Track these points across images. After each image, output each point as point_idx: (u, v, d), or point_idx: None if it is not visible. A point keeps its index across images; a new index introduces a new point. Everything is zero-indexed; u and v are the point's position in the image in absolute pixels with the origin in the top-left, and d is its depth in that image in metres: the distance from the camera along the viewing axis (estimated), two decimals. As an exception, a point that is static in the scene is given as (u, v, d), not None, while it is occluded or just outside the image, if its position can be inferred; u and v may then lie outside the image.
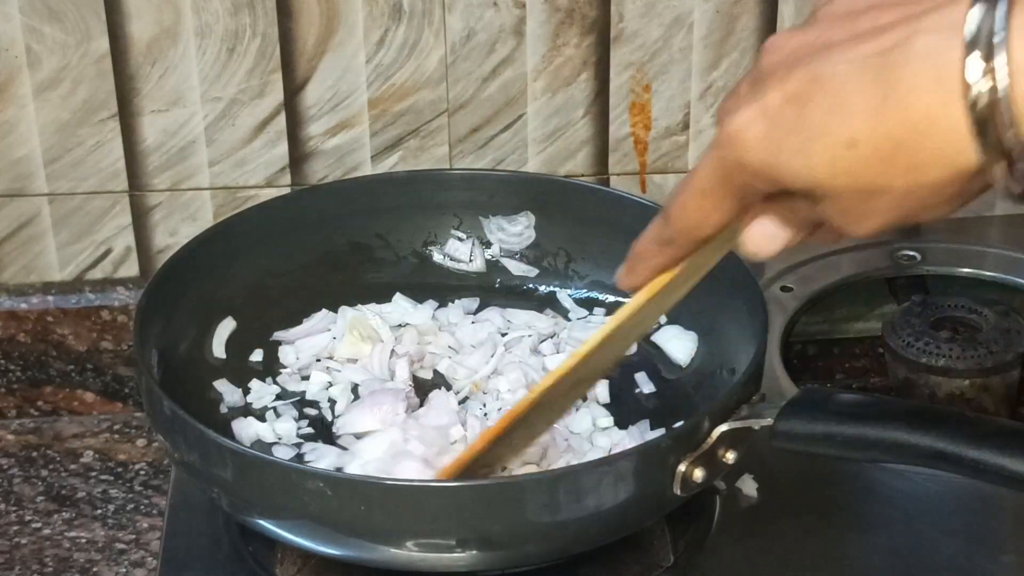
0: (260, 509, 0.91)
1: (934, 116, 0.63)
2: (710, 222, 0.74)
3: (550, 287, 1.16)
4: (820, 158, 0.66)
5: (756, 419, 0.91)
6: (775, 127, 0.67)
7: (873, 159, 0.65)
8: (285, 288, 1.12)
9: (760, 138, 0.68)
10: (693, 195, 0.73)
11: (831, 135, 0.66)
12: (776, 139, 0.67)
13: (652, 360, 1.10)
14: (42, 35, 1.17)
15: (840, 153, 0.66)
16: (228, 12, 1.18)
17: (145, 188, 1.23)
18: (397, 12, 1.19)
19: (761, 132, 0.68)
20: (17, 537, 1.09)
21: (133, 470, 1.16)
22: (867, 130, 0.65)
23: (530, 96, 1.23)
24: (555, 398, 0.90)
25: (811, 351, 1.23)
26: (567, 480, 0.87)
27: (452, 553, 0.88)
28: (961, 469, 0.85)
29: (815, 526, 1.00)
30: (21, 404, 1.23)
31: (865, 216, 0.68)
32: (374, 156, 1.24)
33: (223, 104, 1.21)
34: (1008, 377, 1.13)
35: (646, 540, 0.98)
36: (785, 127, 0.67)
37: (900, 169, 0.65)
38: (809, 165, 0.67)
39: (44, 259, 1.24)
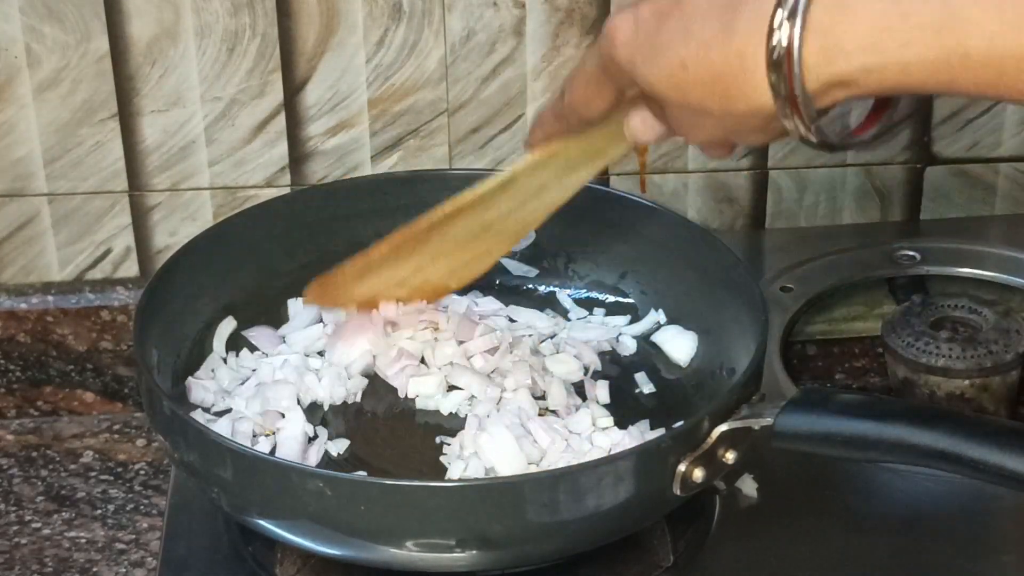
0: (260, 509, 0.91)
1: (745, 57, 0.72)
2: (594, 105, 0.84)
3: (550, 287, 1.16)
4: (661, 72, 0.76)
5: (756, 419, 0.91)
6: (638, 34, 0.77)
7: (696, 83, 0.74)
8: (285, 288, 1.12)
9: (625, 40, 0.77)
10: (580, 77, 0.84)
11: (672, 53, 0.75)
12: (636, 44, 0.77)
13: (652, 360, 1.10)
14: (42, 35, 1.17)
15: (675, 71, 0.75)
16: (228, 12, 1.18)
17: (145, 188, 1.23)
18: (397, 12, 1.19)
19: (628, 35, 0.77)
20: (17, 537, 1.09)
21: (133, 470, 1.16)
22: (696, 57, 0.74)
23: (530, 96, 1.23)
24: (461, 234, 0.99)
25: (811, 351, 1.23)
26: (567, 480, 0.87)
27: (452, 553, 0.88)
28: (961, 469, 0.85)
29: (815, 526, 1.00)
30: (21, 404, 1.23)
31: (692, 128, 0.79)
32: (374, 156, 1.24)
33: (223, 104, 1.21)
34: (1008, 377, 1.13)
35: (646, 540, 0.98)
36: (644, 36, 0.77)
37: (716, 96, 0.74)
38: (654, 75, 0.77)
39: (44, 259, 1.24)
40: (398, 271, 1.03)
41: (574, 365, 1.07)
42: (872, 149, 0.78)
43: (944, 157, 1.30)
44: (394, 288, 1.05)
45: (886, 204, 1.31)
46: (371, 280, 1.03)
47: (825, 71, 0.71)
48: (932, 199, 1.31)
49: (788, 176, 1.29)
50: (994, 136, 1.30)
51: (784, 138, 0.76)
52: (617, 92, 0.82)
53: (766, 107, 0.73)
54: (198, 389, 1.04)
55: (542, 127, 0.91)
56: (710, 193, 1.29)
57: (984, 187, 1.31)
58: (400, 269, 1.03)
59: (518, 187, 0.95)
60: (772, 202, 1.30)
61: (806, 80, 0.71)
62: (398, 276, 1.03)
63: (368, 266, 1.02)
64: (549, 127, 0.90)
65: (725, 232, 1.28)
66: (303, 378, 1.04)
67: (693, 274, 1.09)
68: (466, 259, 1.03)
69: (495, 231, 1.00)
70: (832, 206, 1.31)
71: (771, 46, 0.71)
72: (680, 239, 1.11)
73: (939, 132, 1.29)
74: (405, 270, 1.03)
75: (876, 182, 1.30)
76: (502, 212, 0.97)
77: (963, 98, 1.23)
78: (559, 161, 0.92)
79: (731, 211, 1.30)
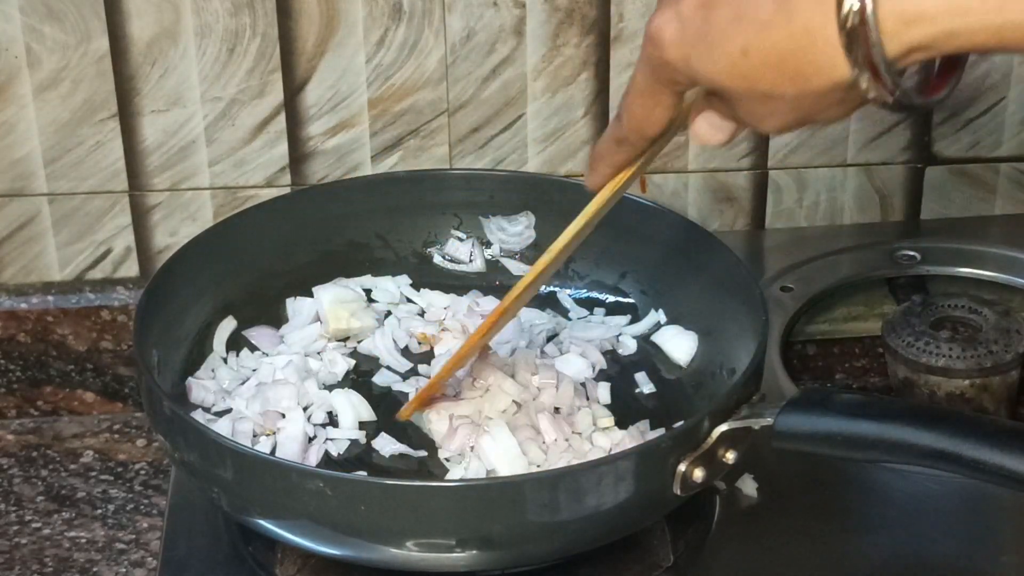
0: (260, 509, 0.91)
1: (813, 31, 0.69)
2: (655, 118, 0.80)
3: (550, 287, 1.16)
4: (721, 63, 0.73)
5: (756, 419, 0.91)
6: (686, 29, 0.73)
7: (763, 67, 0.71)
8: (285, 288, 1.12)
9: (674, 39, 0.74)
10: (635, 95, 0.80)
11: (729, 42, 0.72)
12: (687, 40, 0.74)
13: (652, 360, 1.10)
14: (42, 35, 1.17)
15: (736, 60, 0.72)
16: (228, 12, 1.18)
17: (145, 188, 1.23)
18: (397, 12, 1.19)
19: (675, 33, 0.74)
20: (17, 537, 1.09)
21: (133, 470, 1.16)
22: (757, 41, 0.71)
23: (530, 96, 1.23)
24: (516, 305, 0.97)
25: (811, 351, 1.23)
26: (567, 480, 0.87)
27: (452, 553, 0.88)
28: (961, 469, 0.85)
29: (815, 526, 1.00)
30: (21, 404, 1.23)
31: (767, 116, 0.75)
32: (374, 156, 1.24)
33: (223, 104, 1.21)
34: (1008, 377, 1.13)
35: (646, 540, 0.98)
36: (694, 30, 0.73)
37: (787, 77, 0.71)
38: (713, 68, 0.73)
39: (44, 259, 1.24)
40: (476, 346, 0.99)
41: (582, 364, 1.07)
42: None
43: (944, 157, 1.30)
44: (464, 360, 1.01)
45: (886, 204, 1.31)
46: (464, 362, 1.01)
47: (906, 36, 0.68)
48: (932, 199, 1.31)
49: (788, 176, 1.29)
50: (994, 136, 1.30)
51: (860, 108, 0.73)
52: (676, 98, 0.79)
53: (845, 79, 0.70)
54: (198, 389, 1.04)
55: (604, 161, 0.86)
56: (710, 193, 1.29)
57: (984, 187, 1.31)
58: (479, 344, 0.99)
59: (587, 227, 0.92)
60: (772, 202, 1.30)
61: (886, 46, 0.68)
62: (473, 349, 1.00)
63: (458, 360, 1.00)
64: (612, 158, 0.86)
65: (725, 232, 1.28)
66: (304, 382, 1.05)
67: (693, 274, 1.09)
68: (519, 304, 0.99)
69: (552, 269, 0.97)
70: (832, 206, 1.31)
71: (842, 16, 0.68)
72: (680, 239, 1.11)
73: (939, 132, 1.29)
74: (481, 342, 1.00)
75: (876, 182, 1.30)
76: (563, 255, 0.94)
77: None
78: (623, 188, 0.88)
79: (731, 211, 1.30)
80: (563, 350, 1.09)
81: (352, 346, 1.11)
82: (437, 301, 1.14)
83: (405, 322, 1.12)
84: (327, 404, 1.04)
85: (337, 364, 1.08)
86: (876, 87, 0.70)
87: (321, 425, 1.03)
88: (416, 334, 1.10)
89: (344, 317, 1.10)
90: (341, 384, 1.07)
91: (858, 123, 1.27)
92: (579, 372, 1.07)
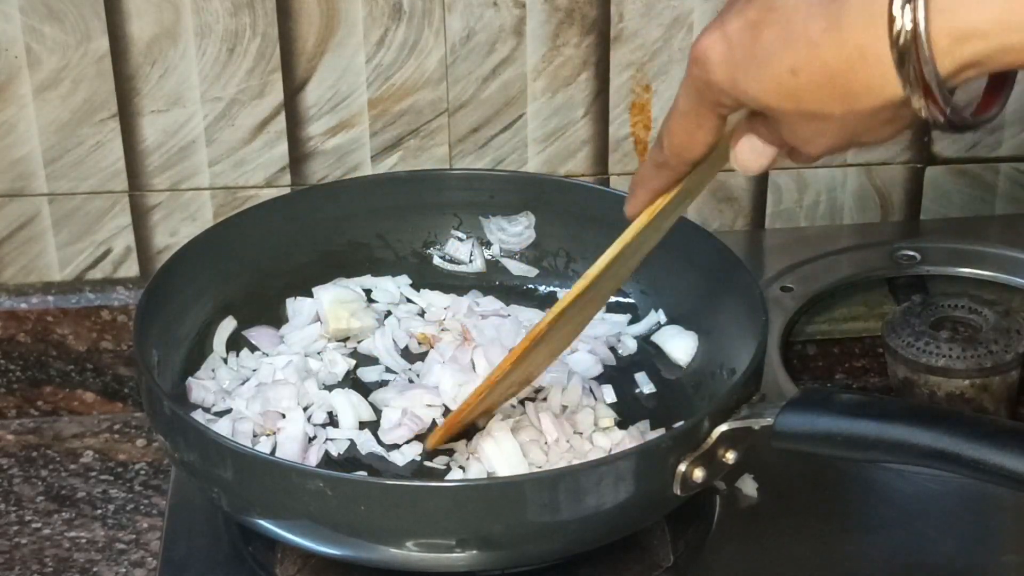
0: (260, 509, 0.91)
1: (864, 49, 0.68)
2: (697, 141, 0.79)
3: (550, 287, 1.16)
4: (769, 83, 0.72)
5: (756, 419, 0.91)
6: (733, 50, 0.73)
7: (812, 86, 0.71)
8: (285, 288, 1.12)
9: (721, 59, 0.74)
10: (677, 118, 0.79)
11: (777, 62, 0.71)
12: (734, 62, 0.73)
13: (652, 360, 1.10)
14: (42, 35, 1.17)
15: (785, 79, 0.71)
16: (228, 12, 1.18)
17: (145, 188, 1.23)
18: (397, 12, 1.19)
19: (722, 54, 0.73)
20: (17, 537, 1.09)
21: (133, 470, 1.16)
22: (807, 60, 0.70)
23: (530, 96, 1.23)
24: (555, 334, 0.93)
25: (811, 351, 1.23)
26: (567, 480, 0.87)
27: (452, 553, 0.88)
28: (961, 469, 0.85)
29: (815, 526, 1.00)
30: (21, 404, 1.23)
31: (814, 138, 0.74)
32: (374, 156, 1.24)
33: (223, 104, 1.21)
34: (1008, 377, 1.13)
35: (646, 540, 0.98)
36: (742, 51, 0.73)
37: (836, 97, 0.70)
38: (761, 88, 0.73)
39: (44, 259, 1.24)
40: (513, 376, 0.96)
41: (591, 361, 1.07)
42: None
43: (944, 157, 1.30)
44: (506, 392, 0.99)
45: (886, 204, 1.31)
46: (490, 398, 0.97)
47: (959, 53, 0.67)
48: (932, 199, 1.31)
49: (788, 176, 1.29)
50: (994, 136, 1.30)
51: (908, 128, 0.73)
52: (720, 121, 0.78)
53: (896, 97, 0.69)
54: (198, 389, 1.04)
55: (643, 186, 0.85)
56: (710, 193, 1.29)
57: (984, 187, 1.31)
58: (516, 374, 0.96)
59: (625, 254, 0.89)
60: (772, 202, 1.30)
61: (938, 64, 0.67)
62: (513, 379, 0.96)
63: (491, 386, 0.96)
64: (652, 183, 0.84)
65: (725, 232, 1.28)
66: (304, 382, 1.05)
67: (693, 274, 1.09)
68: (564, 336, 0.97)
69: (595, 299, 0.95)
70: (832, 206, 1.31)
71: (894, 34, 0.67)
72: (680, 239, 1.10)
73: (939, 132, 1.29)
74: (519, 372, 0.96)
75: (876, 182, 1.30)
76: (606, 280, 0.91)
77: None
78: (662, 214, 0.86)
79: (731, 211, 1.30)
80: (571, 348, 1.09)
81: (352, 346, 1.11)
82: (437, 301, 1.14)
83: (405, 322, 1.12)
84: (327, 404, 1.04)
85: (337, 364, 1.08)
86: (928, 106, 0.69)
87: (321, 425, 1.02)
88: (416, 334, 1.10)
89: (344, 317, 1.10)
90: (341, 384, 1.07)
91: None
92: (588, 369, 1.07)
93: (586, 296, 0.91)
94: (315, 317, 1.11)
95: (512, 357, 0.93)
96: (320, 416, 1.03)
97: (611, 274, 0.90)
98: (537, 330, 0.92)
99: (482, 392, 0.95)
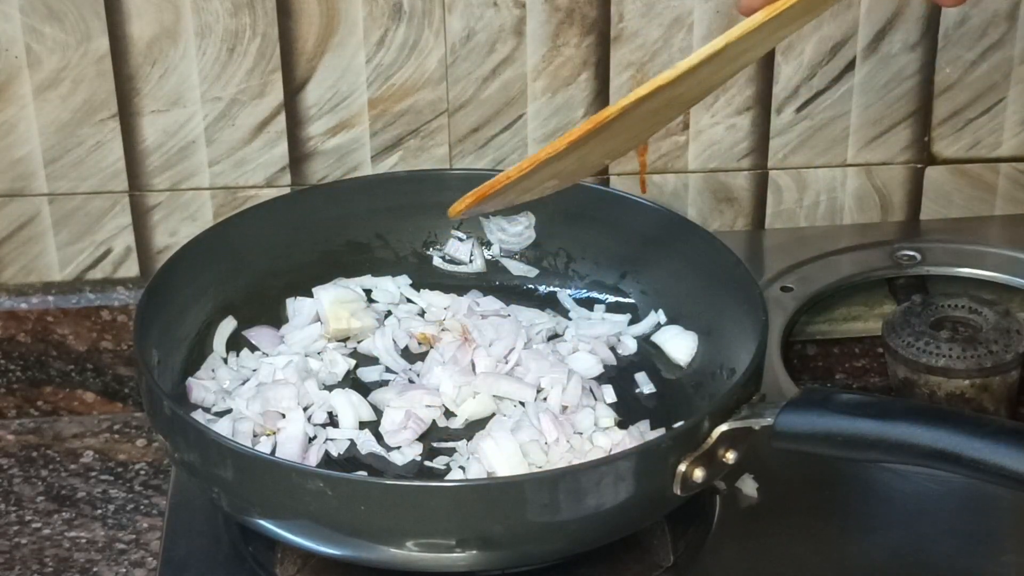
0: (260, 509, 0.91)
1: None
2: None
3: (550, 287, 1.16)
4: None
5: (756, 419, 0.91)
6: None
7: None
8: (285, 288, 1.12)
9: None
10: None
11: None
12: None
13: (652, 360, 1.10)
14: (42, 35, 1.17)
15: None
16: (228, 12, 1.18)
17: (145, 188, 1.23)
18: (397, 12, 1.19)
19: None
20: (17, 537, 1.09)
21: (133, 470, 1.16)
22: None
23: (530, 96, 1.23)
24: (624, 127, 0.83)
25: (811, 351, 1.23)
26: (567, 480, 0.87)
27: (452, 553, 0.88)
28: (961, 469, 0.85)
29: (815, 526, 1.00)
30: (21, 404, 1.23)
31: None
32: (374, 156, 1.24)
33: (223, 104, 1.21)
34: (1008, 377, 1.13)
35: (646, 540, 0.98)
36: None
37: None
38: None
39: (44, 259, 1.24)
40: (563, 163, 0.84)
41: (592, 361, 1.07)
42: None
43: (944, 157, 1.30)
44: (549, 179, 0.87)
45: (886, 204, 1.31)
46: (532, 177, 0.85)
47: None
48: (932, 199, 1.31)
49: (788, 176, 1.29)
50: (994, 136, 1.30)
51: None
52: None
53: None
54: (198, 389, 1.04)
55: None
56: (710, 193, 1.29)
57: (984, 187, 1.31)
58: (567, 160, 0.84)
59: (725, 55, 0.77)
60: (772, 202, 1.30)
61: None
62: (561, 167, 0.85)
63: (538, 163, 0.83)
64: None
65: (725, 232, 1.28)
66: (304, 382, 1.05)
67: (693, 274, 1.09)
68: (632, 136, 0.87)
69: (676, 103, 0.84)
70: (832, 206, 1.31)
71: None
72: (680, 239, 1.11)
73: (939, 132, 1.29)
74: (571, 160, 0.85)
75: (876, 182, 1.30)
76: (695, 82, 0.80)
77: None
78: (779, 19, 0.75)
79: (731, 211, 1.30)
80: (571, 348, 1.09)
81: (352, 346, 1.11)
82: (437, 301, 1.14)
83: (405, 322, 1.12)
84: (327, 404, 1.04)
85: (337, 364, 1.08)
86: None
87: (321, 425, 1.02)
88: (416, 334, 1.10)
89: (344, 317, 1.10)
90: (341, 384, 1.07)
91: (858, 123, 1.27)
92: (589, 369, 1.07)
93: (667, 91, 0.80)
94: (315, 317, 1.11)
95: (571, 136, 0.82)
96: (320, 416, 1.03)
97: (701, 75, 0.79)
98: (606, 113, 0.80)
99: (525, 168, 0.84)
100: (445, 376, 1.04)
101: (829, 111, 1.26)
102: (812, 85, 1.25)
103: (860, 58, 1.25)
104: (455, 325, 1.10)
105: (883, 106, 1.27)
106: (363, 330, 1.11)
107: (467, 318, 1.10)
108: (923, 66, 1.26)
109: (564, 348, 1.09)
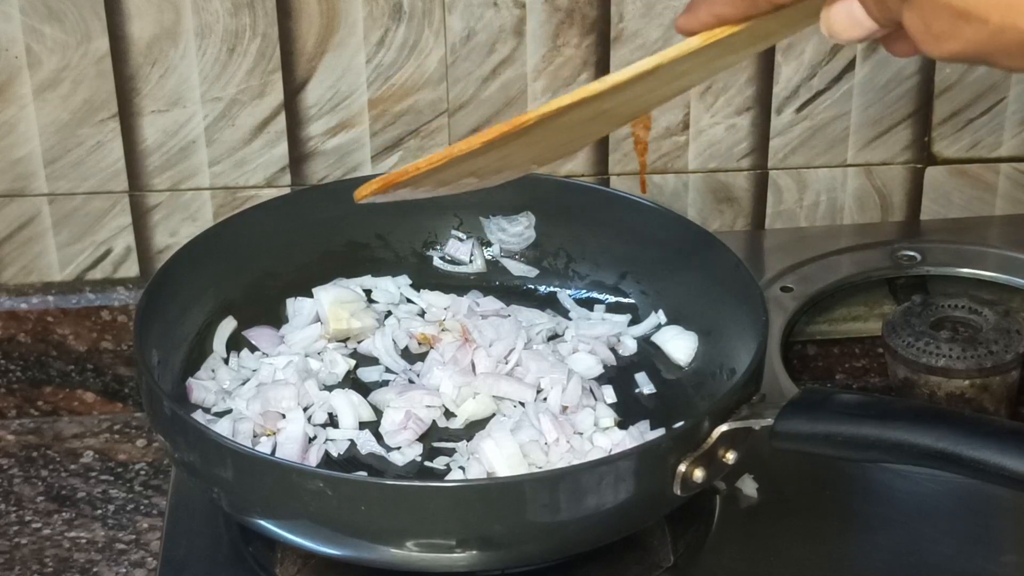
0: (260, 509, 0.91)
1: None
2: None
3: (550, 287, 1.16)
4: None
5: (756, 419, 0.91)
6: None
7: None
8: (285, 288, 1.12)
9: None
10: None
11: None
12: None
13: (652, 360, 1.10)
14: (42, 35, 1.17)
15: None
16: (228, 12, 1.18)
17: (145, 188, 1.23)
18: (397, 12, 1.19)
19: None
20: (17, 537, 1.09)
21: (133, 470, 1.16)
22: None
23: (530, 96, 1.23)
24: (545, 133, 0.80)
25: (811, 351, 1.23)
26: (567, 480, 0.87)
27: (452, 553, 0.88)
28: (961, 469, 0.85)
29: (815, 526, 1.00)
30: (21, 404, 1.23)
31: (947, 37, 0.62)
32: (374, 156, 1.24)
33: (223, 104, 1.21)
34: (1008, 377, 1.13)
35: (646, 540, 0.98)
36: None
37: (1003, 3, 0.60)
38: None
39: (44, 259, 1.24)
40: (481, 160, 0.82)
41: (591, 361, 1.07)
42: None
43: (944, 157, 1.30)
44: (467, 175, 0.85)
45: (886, 204, 1.31)
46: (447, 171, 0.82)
47: None
48: (932, 199, 1.31)
49: (788, 176, 1.29)
50: (994, 136, 1.30)
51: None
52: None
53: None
54: (199, 389, 1.04)
55: (712, 7, 0.71)
56: (710, 193, 1.29)
57: (984, 187, 1.31)
58: (486, 159, 0.82)
59: (658, 75, 0.76)
60: (772, 202, 1.30)
61: None
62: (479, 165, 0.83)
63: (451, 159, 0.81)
64: (722, 7, 0.71)
65: (725, 232, 1.28)
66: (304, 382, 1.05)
67: (693, 274, 1.09)
68: (560, 144, 0.85)
69: (606, 117, 0.82)
70: (832, 206, 1.31)
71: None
72: (680, 239, 1.11)
73: (939, 132, 1.29)
74: (490, 159, 0.82)
75: (876, 182, 1.30)
76: (626, 99, 0.78)
77: None
78: (718, 47, 0.73)
79: (731, 211, 1.30)
80: (571, 348, 1.09)
81: (352, 346, 1.11)
82: (437, 301, 1.14)
83: (405, 322, 1.12)
84: (327, 404, 1.04)
85: (337, 364, 1.08)
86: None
87: (321, 425, 1.03)
88: (416, 334, 1.10)
89: (344, 317, 1.10)
90: (341, 384, 1.07)
91: (858, 123, 1.27)
92: (589, 369, 1.07)
93: (593, 104, 0.78)
94: (315, 317, 1.11)
95: (486, 136, 0.79)
96: (320, 416, 1.03)
97: (633, 92, 0.78)
98: (525, 118, 0.77)
99: (436, 161, 0.81)
100: (445, 376, 1.04)
101: (829, 111, 1.26)
102: (812, 85, 1.25)
103: (860, 58, 1.25)
104: (455, 325, 1.10)
105: (883, 106, 1.27)
106: (363, 330, 1.11)
107: (467, 318, 1.10)
108: (923, 66, 1.26)
109: (564, 348, 1.09)
